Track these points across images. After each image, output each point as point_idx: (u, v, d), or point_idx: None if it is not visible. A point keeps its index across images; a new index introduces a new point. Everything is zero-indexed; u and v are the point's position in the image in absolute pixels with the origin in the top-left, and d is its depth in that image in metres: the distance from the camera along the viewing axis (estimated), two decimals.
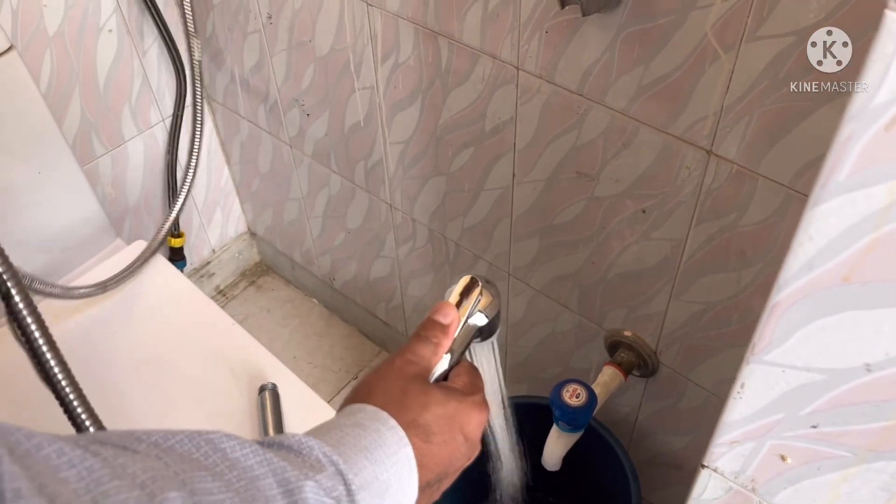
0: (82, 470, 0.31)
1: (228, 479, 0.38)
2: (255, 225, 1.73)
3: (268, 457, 0.40)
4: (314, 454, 0.43)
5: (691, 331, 0.94)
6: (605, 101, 0.81)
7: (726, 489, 0.52)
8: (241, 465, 0.39)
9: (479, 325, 0.56)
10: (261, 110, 1.35)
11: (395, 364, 0.51)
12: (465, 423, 0.50)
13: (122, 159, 1.37)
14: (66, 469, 0.31)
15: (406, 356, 0.51)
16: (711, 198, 0.79)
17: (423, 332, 0.53)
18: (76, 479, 0.31)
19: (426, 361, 0.52)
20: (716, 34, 0.68)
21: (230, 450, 0.39)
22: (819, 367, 0.40)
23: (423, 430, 0.47)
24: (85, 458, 0.32)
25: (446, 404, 0.49)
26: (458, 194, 1.10)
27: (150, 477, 0.34)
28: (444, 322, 0.53)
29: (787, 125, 0.68)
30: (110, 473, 0.32)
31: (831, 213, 0.35)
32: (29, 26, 1.12)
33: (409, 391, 0.49)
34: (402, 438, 0.46)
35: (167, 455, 0.37)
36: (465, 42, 0.89)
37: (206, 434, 0.40)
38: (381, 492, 0.44)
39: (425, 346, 0.52)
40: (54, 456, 0.31)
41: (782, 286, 0.39)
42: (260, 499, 0.38)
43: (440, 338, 0.53)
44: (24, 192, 1.04)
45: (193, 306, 1.11)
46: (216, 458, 0.39)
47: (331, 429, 0.46)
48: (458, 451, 0.50)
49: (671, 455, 1.16)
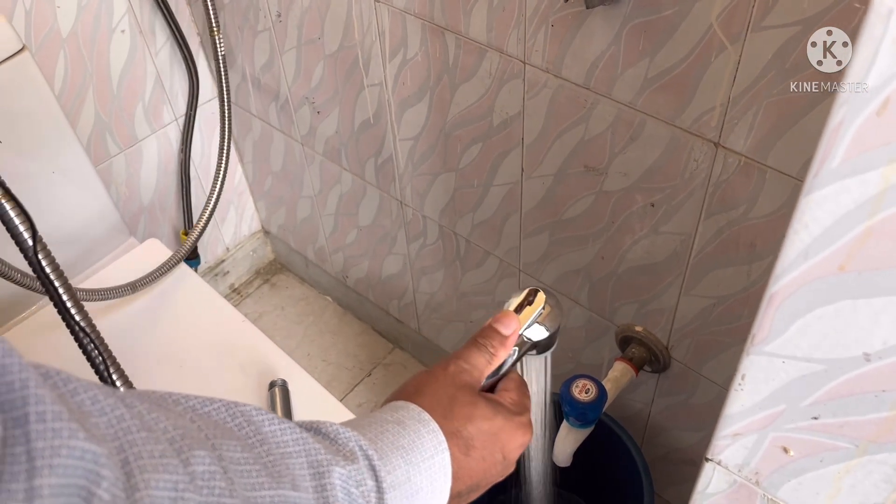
0: (113, 418, 0.32)
1: (258, 452, 0.38)
2: (268, 223, 1.74)
3: (303, 436, 0.40)
4: (350, 445, 0.42)
5: (702, 325, 0.93)
6: (611, 95, 0.80)
7: (731, 482, 0.52)
8: (275, 439, 0.39)
9: (537, 339, 0.54)
10: (272, 108, 1.36)
11: (448, 369, 0.50)
12: (506, 442, 0.49)
13: (136, 159, 1.38)
14: (97, 415, 0.31)
15: (459, 363, 0.50)
16: (720, 190, 0.79)
17: (480, 340, 0.52)
18: (106, 426, 0.31)
19: (479, 371, 0.51)
20: (721, 24, 0.67)
21: (264, 423, 0.39)
22: (818, 357, 0.40)
23: (465, 442, 0.47)
24: (117, 406, 0.32)
25: (492, 420, 0.49)
26: (468, 190, 1.10)
27: (179, 434, 0.34)
28: (505, 333, 0.52)
29: (794, 116, 0.68)
30: (140, 425, 0.33)
31: (825, 200, 0.34)
32: (42, 28, 1.13)
33: (457, 399, 0.48)
34: (441, 443, 0.45)
35: (201, 420, 0.37)
36: (472, 37, 0.89)
37: (243, 406, 0.40)
38: (412, 494, 0.43)
39: (480, 354, 0.51)
40: (88, 402, 0.32)
41: (779, 276, 0.39)
42: (287, 475, 0.38)
43: (497, 348, 0.52)
44: (39, 192, 1.05)
45: (204, 303, 1.11)
46: (249, 431, 0.39)
47: (371, 422, 0.45)
48: (494, 468, 0.49)
49: (684, 451, 1.15)
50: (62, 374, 0.31)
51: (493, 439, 0.48)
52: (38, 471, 0.27)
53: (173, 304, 1.11)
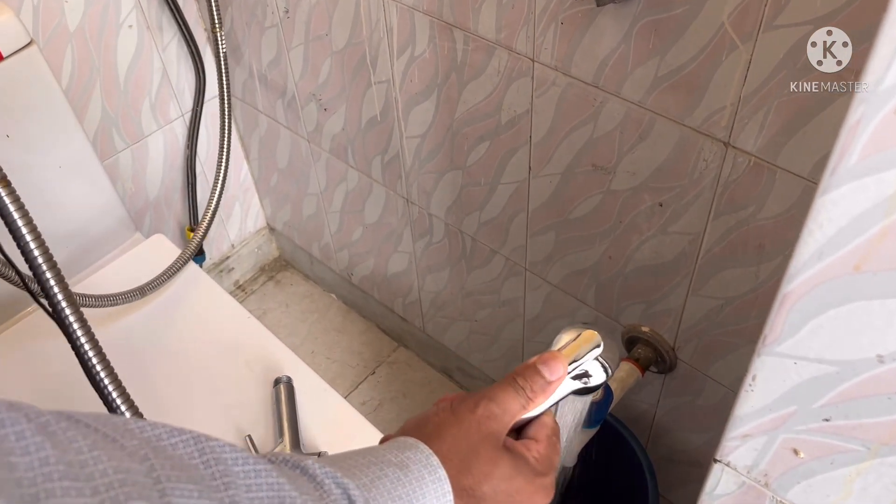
0: (35, 460, 0.28)
1: (220, 498, 0.33)
2: (273, 220, 1.74)
3: (279, 482, 0.36)
4: (334, 494, 0.38)
5: (709, 326, 0.93)
6: (621, 93, 0.80)
7: (739, 484, 0.51)
8: (245, 482, 0.35)
9: (586, 385, 0.49)
10: (279, 105, 1.36)
11: (476, 412, 0.45)
12: (526, 502, 0.45)
13: (142, 154, 1.38)
14: (18, 454, 0.28)
15: (491, 406, 0.45)
16: (729, 191, 0.78)
17: (519, 381, 0.46)
18: (25, 468, 0.28)
19: (510, 416, 0.46)
20: (733, 23, 0.67)
21: (235, 462, 0.35)
22: (831, 358, 0.39)
23: (476, 502, 0.43)
24: (43, 447, 0.29)
25: (512, 480, 0.44)
26: (475, 188, 1.09)
27: (119, 479, 0.30)
28: (549, 378, 0.47)
29: (806, 115, 0.67)
30: (64, 472, 0.29)
31: (841, 200, 0.34)
32: (50, 22, 1.13)
33: (478, 454, 0.43)
34: (446, 494, 0.41)
35: (157, 456, 0.32)
36: (481, 34, 0.89)
37: (214, 441, 0.36)
38: None
39: (516, 399, 0.46)
40: (13, 438, 0.28)
41: (792, 276, 0.38)
42: None
43: (536, 394, 0.46)
44: (45, 186, 1.05)
45: (209, 299, 1.11)
46: (216, 471, 0.35)
47: (370, 462, 0.41)
48: None
49: (690, 452, 1.14)
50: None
51: (508, 500, 0.44)
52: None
53: (179, 300, 1.11)
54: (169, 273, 1.10)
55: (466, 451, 0.43)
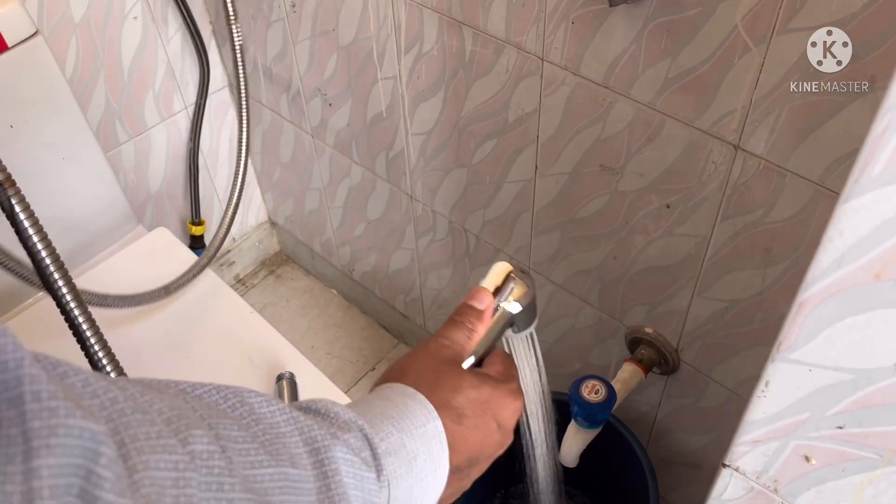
0: (105, 400, 0.31)
1: (254, 432, 0.37)
2: (275, 214, 1.73)
3: (294, 415, 0.40)
4: (342, 417, 0.42)
5: (714, 329, 0.93)
6: (630, 94, 0.80)
7: (748, 489, 0.51)
8: (268, 420, 0.39)
9: (512, 312, 0.55)
10: (283, 99, 1.35)
11: (428, 347, 0.50)
12: (498, 409, 0.49)
13: (145, 146, 1.38)
14: (89, 398, 0.30)
15: (440, 340, 0.51)
16: (738, 193, 0.78)
17: (457, 318, 0.52)
18: (98, 408, 0.30)
19: (460, 346, 0.51)
20: (746, 26, 0.66)
21: (258, 405, 0.39)
22: (847, 366, 0.39)
23: (455, 412, 0.46)
24: (109, 389, 0.31)
25: (480, 388, 0.48)
26: (480, 186, 1.09)
27: (175, 414, 0.33)
28: (479, 307, 0.53)
29: (818, 120, 0.67)
30: (133, 407, 0.32)
31: (864, 208, 0.34)
32: (55, 13, 1.13)
33: (441, 373, 0.48)
34: (432, 412, 0.45)
35: (195, 401, 0.36)
36: (490, 32, 0.88)
37: (234, 388, 0.39)
38: (409, 460, 0.43)
39: (459, 330, 0.51)
40: (79, 385, 0.31)
41: (811, 283, 0.38)
42: (285, 454, 0.38)
43: (474, 323, 0.52)
44: (48, 177, 1.05)
45: (212, 294, 1.11)
46: (243, 411, 0.38)
47: (358, 402, 0.46)
48: (490, 437, 0.48)
49: (690, 454, 1.14)
50: (50, 358, 0.30)
51: (483, 407, 0.48)
52: (36, 451, 0.27)
53: (182, 294, 1.11)
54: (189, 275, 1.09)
55: (431, 375, 0.48)
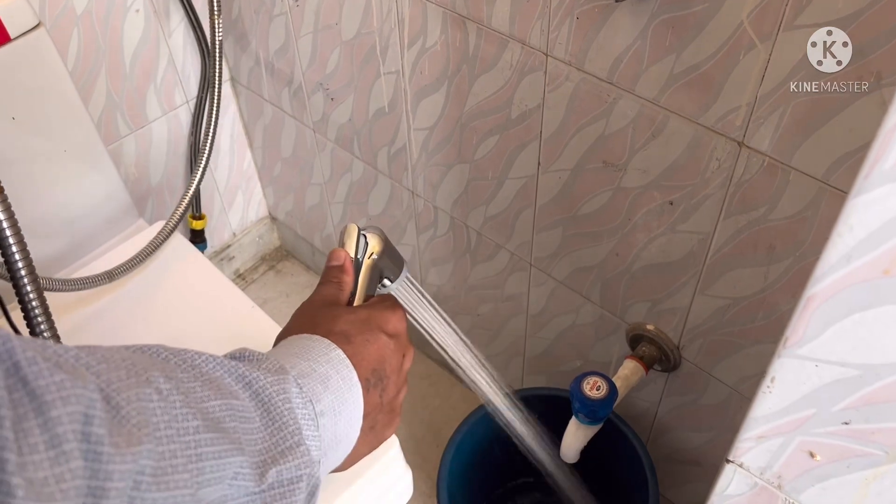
0: (70, 357, 0.36)
1: (194, 374, 0.42)
2: (276, 209, 1.73)
3: (220, 360, 0.45)
4: (254, 356, 0.47)
5: (715, 326, 0.93)
6: (635, 90, 0.80)
7: (751, 485, 0.51)
8: (202, 367, 0.44)
9: (375, 261, 0.59)
10: (285, 94, 1.35)
11: (302, 306, 0.55)
12: (382, 322, 0.53)
13: (146, 140, 1.37)
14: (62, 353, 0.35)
15: (311, 298, 0.55)
16: (741, 191, 0.78)
17: (322, 279, 0.56)
18: (74, 363, 0.35)
19: (332, 298, 0.55)
20: (752, 22, 0.66)
21: (190, 357, 0.44)
22: (854, 362, 0.39)
23: (342, 335, 0.50)
24: (70, 349, 0.36)
25: (357, 312, 0.53)
26: (482, 182, 1.09)
27: (130, 363, 0.38)
28: (337, 263, 0.57)
29: (823, 117, 0.67)
30: (98, 358, 0.37)
31: (874, 203, 0.34)
32: (57, 5, 1.12)
33: (317, 314, 0.53)
34: (328, 344, 0.49)
35: (136, 356, 0.41)
36: (494, 27, 0.88)
37: (156, 346, 0.44)
38: (323, 381, 0.47)
39: (327, 287, 0.55)
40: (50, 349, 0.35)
41: (819, 278, 0.38)
42: (224, 389, 0.43)
43: (339, 276, 0.56)
44: (50, 170, 1.04)
45: (214, 288, 1.11)
46: (178, 360, 0.43)
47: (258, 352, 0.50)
48: (385, 347, 0.52)
49: (690, 451, 1.14)
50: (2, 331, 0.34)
51: (366, 323, 0.52)
52: (51, 404, 0.31)
53: (182, 288, 1.10)
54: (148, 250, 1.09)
55: (308, 320, 0.52)
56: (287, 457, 0.43)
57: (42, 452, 0.30)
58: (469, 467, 1.14)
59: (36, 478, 0.30)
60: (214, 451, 0.40)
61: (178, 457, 0.38)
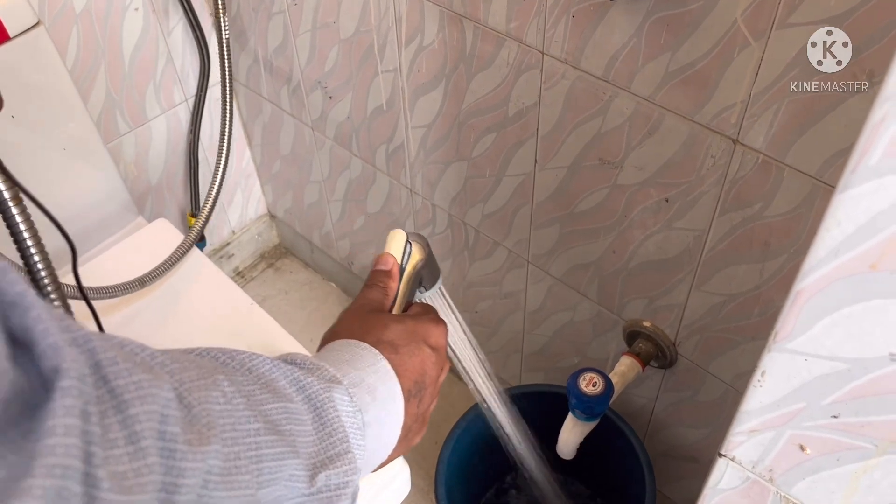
0: (146, 356, 0.37)
1: (253, 377, 0.44)
2: (274, 207, 1.74)
3: (276, 363, 0.46)
4: (308, 362, 0.48)
5: (711, 322, 0.93)
6: (630, 88, 0.80)
7: (743, 479, 0.51)
8: (259, 369, 0.45)
9: (418, 269, 0.60)
10: (284, 92, 1.35)
11: (350, 309, 0.56)
12: (426, 334, 0.54)
13: (145, 138, 1.38)
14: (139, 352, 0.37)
15: (359, 301, 0.56)
16: (736, 188, 0.78)
17: (369, 282, 0.58)
18: (149, 362, 0.37)
19: (378, 304, 0.56)
20: (746, 20, 0.67)
21: (247, 359, 0.45)
22: (843, 356, 0.40)
23: (389, 345, 0.52)
24: (145, 347, 0.37)
25: (404, 322, 0.54)
26: (479, 180, 1.09)
27: (197, 364, 0.40)
28: (385, 268, 0.58)
29: (817, 114, 0.67)
30: (172, 357, 0.38)
31: (861, 197, 0.34)
32: (56, 3, 1.13)
33: (367, 321, 0.54)
34: (376, 354, 0.50)
35: (199, 359, 0.42)
36: (491, 26, 0.89)
37: (216, 349, 0.45)
38: (370, 391, 0.48)
39: (373, 290, 0.57)
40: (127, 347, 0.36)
41: (807, 272, 0.38)
42: (280, 393, 0.44)
43: (385, 282, 0.57)
44: (49, 168, 1.05)
45: (213, 286, 1.11)
46: (235, 364, 0.44)
47: (314, 355, 0.51)
48: (427, 359, 0.53)
49: (687, 447, 1.15)
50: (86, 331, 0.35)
51: (411, 335, 0.53)
52: (130, 402, 0.33)
53: (182, 286, 1.11)
54: (170, 262, 1.10)
55: (359, 325, 0.53)
56: (336, 462, 0.45)
57: (122, 447, 0.32)
58: (467, 463, 1.15)
59: (117, 471, 0.31)
60: (274, 452, 0.41)
61: (242, 458, 0.39)
